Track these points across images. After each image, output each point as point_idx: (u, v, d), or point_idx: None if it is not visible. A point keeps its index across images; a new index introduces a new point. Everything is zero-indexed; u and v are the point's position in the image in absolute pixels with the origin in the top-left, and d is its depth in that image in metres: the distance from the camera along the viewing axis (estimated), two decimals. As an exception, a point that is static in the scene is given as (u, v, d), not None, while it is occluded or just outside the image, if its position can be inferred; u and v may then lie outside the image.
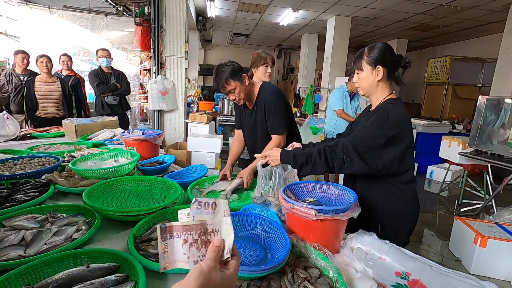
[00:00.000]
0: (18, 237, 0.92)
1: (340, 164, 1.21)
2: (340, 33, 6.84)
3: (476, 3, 5.31)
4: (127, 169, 1.53)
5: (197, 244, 0.55)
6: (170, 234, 0.55)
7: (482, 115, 3.47)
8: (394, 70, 1.30)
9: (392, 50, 1.29)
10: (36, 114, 3.51)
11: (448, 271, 0.92)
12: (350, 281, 0.85)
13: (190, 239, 0.55)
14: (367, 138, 1.22)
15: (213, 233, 0.56)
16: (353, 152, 1.20)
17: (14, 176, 1.37)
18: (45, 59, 3.41)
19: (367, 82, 1.32)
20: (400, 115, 1.23)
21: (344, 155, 1.21)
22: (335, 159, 1.21)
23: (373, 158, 1.21)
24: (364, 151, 1.21)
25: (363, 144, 1.21)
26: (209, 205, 0.59)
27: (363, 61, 1.31)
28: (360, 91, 1.39)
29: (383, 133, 1.20)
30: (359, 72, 1.33)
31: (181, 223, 0.56)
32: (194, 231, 0.55)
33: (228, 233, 0.55)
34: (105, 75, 3.94)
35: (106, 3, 4.98)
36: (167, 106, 4.37)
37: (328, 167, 1.23)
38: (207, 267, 0.48)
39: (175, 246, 0.55)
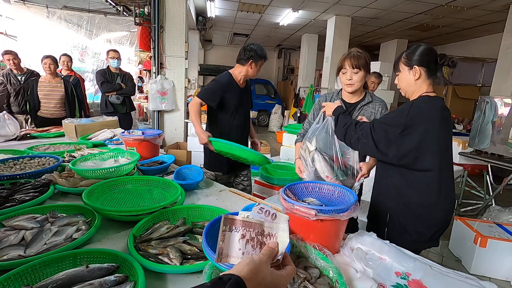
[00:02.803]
0: (18, 237, 0.92)
1: (354, 141, 1.32)
2: (340, 33, 6.84)
3: (476, 3, 5.31)
4: (127, 169, 1.53)
5: (253, 242, 0.57)
6: (230, 226, 0.58)
7: (482, 115, 3.47)
8: (436, 70, 1.33)
9: (432, 51, 1.32)
10: (38, 114, 3.51)
11: (448, 271, 0.92)
12: (350, 281, 0.85)
13: (248, 235, 0.57)
14: (385, 125, 1.27)
15: (269, 236, 0.58)
16: (369, 134, 1.28)
17: (14, 176, 1.37)
18: (49, 60, 3.41)
19: (405, 82, 1.36)
20: (425, 109, 1.25)
21: (360, 134, 1.30)
22: (352, 135, 1.33)
23: (387, 146, 1.25)
24: (380, 137, 1.26)
25: (380, 130, 1.27)
26: (269, 213, 0.62)
27: (401, 63, 1.37)
28: (401, 92, 1.44)
29: (399, 122, 1.23)
30: (398, 73, 1.39)
31: (241, 217, 0.59)
32: (252, 228, 0.58)
33: (284, 239, 0.57)
34: (112, 74, 3.98)
35: (106, 3, 4.98)
36: (166, 106, 4.37)
37: (344, 139, 1.37)
38: (258, 259, 0.50)
39: (231, 239, 0.57)
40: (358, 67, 1.57)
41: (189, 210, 1.18)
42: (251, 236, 0.58)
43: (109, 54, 3.96)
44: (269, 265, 0.51)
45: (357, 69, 1.57)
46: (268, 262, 0.51)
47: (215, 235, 0.86)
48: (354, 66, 1.57)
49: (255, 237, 0.58)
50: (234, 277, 0.44)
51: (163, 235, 0.99)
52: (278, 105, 9.88)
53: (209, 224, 0.83)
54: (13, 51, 3.67)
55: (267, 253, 0.53)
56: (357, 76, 1.59)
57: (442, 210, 1.31)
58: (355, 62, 1.57)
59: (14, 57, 3.63)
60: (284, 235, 0.58)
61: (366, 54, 1.60)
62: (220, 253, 0.55)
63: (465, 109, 6.93)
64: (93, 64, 5.99)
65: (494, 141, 3.33)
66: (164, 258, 0.87)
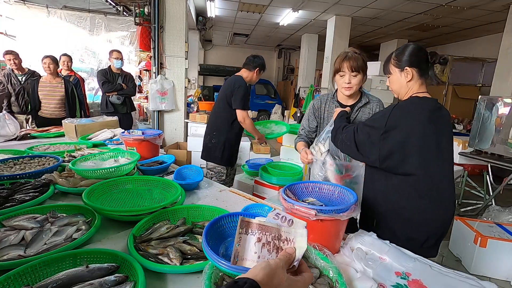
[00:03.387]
0: (18, 237, 0.92)
1: (340, 144, 1.33)
2: (340, 33, 6.84)
3: (476, 3, 5.31)
4: (127, 169, 1.53)
5: (269, 247, 0.56)
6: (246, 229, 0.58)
7: (482, 115, 3.47)
8: (427, 69, 1.29)
9: (421, 50, 1.28)
10: (38, 114, 3.51)
11: (448, 271, 0.92)
12: (350, 281, 0.84)
13: (264, 239, 0.57)
14: (368, 127, 1.25)
15: (287, 241, 0.57)
16: (351, 137, 1.27)
17: (14, 176, 1.37)
18: (49, 60, 3.41)
19: (397, 84, 1.33)
20: (409, 110, 1.21)
21: (344, 137, 1.29)
22: (338, 137, 1.33)
23: (368, 149, 1.23)
24: (361, 140, 1.25)
25: (362, 133, 1.25)
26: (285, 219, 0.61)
27: (391, 65, 1.33)
28: (394, 94, 1.41)
29: (381, 124, 1.21)
30: (389, 76, 1.36)
31: (258, 221, 0.58)
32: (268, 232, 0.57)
33: (301, 245, 0.56)
34: (113, 75, 3.99)
35: (106, 3, 4.98)
36: (166, 106, 4.37)
37: (334, 141, 1.37)
38: (274, 263, 0.49)
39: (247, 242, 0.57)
40: (357, 70, 1.51)
41: (189, 210, 1.18)
42: (267, 240, 0.57)
43: (113, 55, 3.96)
44: (286, 270, 0.50)
45: (356, 72, 1.51)
46: (284, 267, 0.50)
47: (215, 235, 0.86)
48: (354, 69, 1.51)
49: (272, 241, 0.57)
50: (249, 281, 0.43)
51: (163, 235, 0.99)
52: (278, 105, 9.89)
53: (209, 224, 0.83)
54: (14, 51, 3.68)
55: (284, 258, 0.52)
56: (356, 79, 1.53)
57: (434, 217, 1.23)
58: (354, 64, 1.50)
59: (15, 57, 3.63)
60: (302, 241, 0.57)
61: (363, 54, 1.55)
62: (235, 255, 0.55)
63: (465, 109, 6.93)
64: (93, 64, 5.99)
65: (494, 141, 3.33)
66: (164, 258, 0.87)
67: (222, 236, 0.88)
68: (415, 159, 1.19)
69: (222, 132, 2.45)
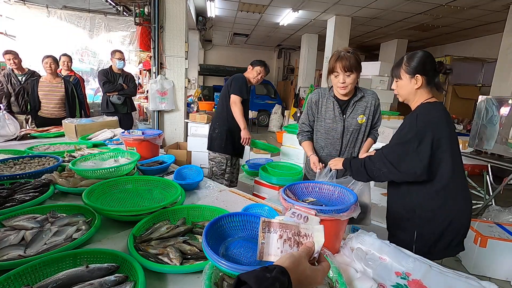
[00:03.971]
0: (18, 237, 0.92)
1: (377, 174, 1.27)
2: (340, 33, 6.84)
3: (476, 3, 5.31)
4: (127, 169, 1.53)
5: (290, 242, 0.63)
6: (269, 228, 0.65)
7: (482, 115, 3.47)
8: (434, 77, 1.32)
9: (432, 59, 1.31)
10: (38, 114, 3.51)
11: (448, 271, 0.92)
12: (350, 281, 0.84)
13: (285, 236, 0.64)
14: (399, 145, 1.24)
15: (306, 236, 0.64)
16: (385, 161, 1.24)
17: (14, 176, 1.37)
18: (50, 60, 3.41)
19: (406, 90, 1.34)
20: (431, 117, 1.24)
21: (377, 167, 1.26)
22: (373, 169, 1.28)
23: (411, 165, 1.21)
24: (398, 160, 1.22)
25: (394, 152, 1.24)
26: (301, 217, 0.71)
27: (402, 70, 1.33)
28: (399, 98, 1.41)
29: (411, 137, 1.21)
30: (397, 80, 1.36)
31: (278, 220, 0.66)
32: (289, 229, 0.64)
33: (319, 239, 0.63)
34: (114, 75, 3.99)
35: (106, 3, 4.98)
36: (166, 106, 4.37)
37: (369, 177, 1.31)
38: (298, 254, 0.56)
39: (271, 240, 0.63)
40: (350, 70, 1.54)
41: (189, 210, 1.18)
42: (288, 236, 0.64)
43: (115, 55, 3.97)
44: (307, 261, 0.56)
45: (349, 71, 1.55)
46: (306, 258, 0.56)
47: (215, 235, 0.86)
48: (347, 69, 1.54)
49: (292, 237, 0.63)
50: (278, 267, 0.49)
51: (163, 235, 0.99)
52: (278, 105, 9.89)
53: (209, 224, 0.84)
54: (13, 51, 3.68)
55: (305, 250, 0.58)
56: (350, 78, 1.57)
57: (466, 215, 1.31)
58: (346, 64, 1.53)
59: (14, 56, 3.63)
60: (319, 235, 0.64)
61: (356, 53, 1.57)
62: (261, 251, 0.61)
63: (465, 109, 6.93)
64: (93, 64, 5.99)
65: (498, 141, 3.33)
66: (164, 258, 0.87)
67: (222, 236, 0.88)
68: (448, 161, 1.24)
69: (224, 122, 2.61)
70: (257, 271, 0.48)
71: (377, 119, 1.80)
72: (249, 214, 1.03)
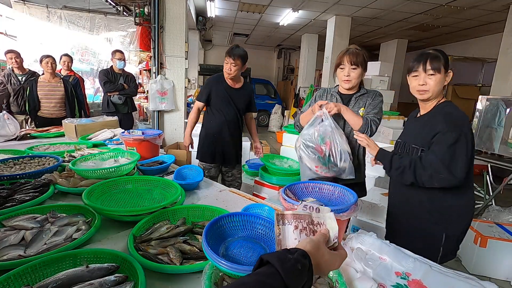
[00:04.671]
0: (18, 237, 0.92)
1: (428, 179, 1.23)
2: (340, 33, 6.84)
3: (476, 3, 5.31)
4: (127, 169, 1.53)
5: (306, 231, 0.65)
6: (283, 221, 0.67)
7: (482, 115, 3.46)
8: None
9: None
10: (38, 114, 3.51)
11: (448, 271, 0.92)
12: (350, 281, 0.84)
13: (300, 226, 0.66)
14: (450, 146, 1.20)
15: (319, 224, 0.67)
16: (442, 167, 1.19)
17: (14, 176, 1.37)
18: (50, 60, 3.42)
19: (440, 85, 1.27)
20: (465, 117, 1.26)
21: (433, 171, 1.21)
22: (423, 174, 1.23)
23: (459, 167, 1.20)
24: (451, 163, 1.19)
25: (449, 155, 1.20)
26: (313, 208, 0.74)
27: (441, 64, 1.24)
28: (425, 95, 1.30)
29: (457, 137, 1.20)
30: (435, 73, 1.25)
31: (291, 212, 0.68)
32: (303, 220, 0.67)
33: (332, 226, 0.66)
34: (115, 75, 4.01)
35: (106, 3, 4.98)
36: (166, 106, 4.37)
37: (415, 179, 1.25)
38: (316, 239, 0.58)
39: (286, 231, 0.65)
40: (356, 64, 1.60)
41: (189, 210, 1.18)
42: (303, 226, 0.66)
43: (116, 55, 3.98)
44: (325, 246, 0.58)
45: (355, 65, 1.60)
46: (324, 243, 0.58)
47: (215, 235, 0.86)
48: (353, 63, 1.60)
49: (307, 227, 0.66)
50: (299, 250, 0.50)
51: (163, 235, 0.99)
52: (278, 105, 9.88)
53: (209, 224, 0.83)
54: (15, 50, 3.69)
55: (322, 236, 0.60)
56: (355, 72, 1.61)
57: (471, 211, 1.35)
58: (353, 59, 1.60)
59: (16, 56, 3.64)
60: (332, 222, 0.67)
61: (364, 51, 1.64)
62: (279, 244, 0.63)
63: (465, 109, 6.90)
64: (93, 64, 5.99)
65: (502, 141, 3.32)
66: (164, 258, 0.87)
67: (222, 236, 0.88)
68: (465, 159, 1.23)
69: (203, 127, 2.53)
70: (279, 252, 0.49)
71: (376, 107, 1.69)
72: (249, 214, 1.03)
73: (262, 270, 0.45)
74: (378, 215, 2.24)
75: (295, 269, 0.45)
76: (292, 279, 0.43)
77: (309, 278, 0.47)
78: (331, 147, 1.49)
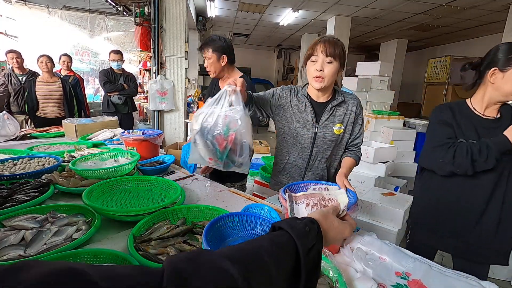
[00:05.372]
0: (18, 237, 0.92)
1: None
2: (340, 33, 6.84)
3: (476, 3, 5.31)
4: (127, 169, 1.53)
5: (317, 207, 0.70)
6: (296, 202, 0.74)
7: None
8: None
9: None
10: (37, 114, 3.51)
11: (448, 271, 0.92)
12: (350, 281, 0.84)
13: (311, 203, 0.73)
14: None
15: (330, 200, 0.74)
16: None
17: (14, 176, 1.37)
18: (45, 59, 3.42)
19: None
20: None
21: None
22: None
23: None
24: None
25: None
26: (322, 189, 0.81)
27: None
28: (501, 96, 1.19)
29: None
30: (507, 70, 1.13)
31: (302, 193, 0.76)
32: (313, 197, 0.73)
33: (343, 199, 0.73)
34: (115, 75, 4.02)
35: (106, 3, 4.98)
36: (166, 106, 4.37)
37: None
38: (325, 209, 0.64)
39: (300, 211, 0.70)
40: (333, 56, 1.23)
41: (189, 210, 1.18)
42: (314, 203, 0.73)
43: (111, 56, 3.99)
44: (335, 215, 0.64)
45: (331, 57, 1.23)
46: (333, 213, 0.64)
47: (215, 235, 0.86)
48: (328, 54, 1.22)
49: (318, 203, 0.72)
50: (308, 217, 0.56)
51: (163, 235, 0.99)
52: (278, 105, 9.86)
53: (209, 224, 0.84)
54: (17, 50, 3.70)
55: (332, 207, 0.66)
56: (330, 67, 1.25)
57: None
58: (330, 49, 1.22)
59: (17, 55, 3.65)
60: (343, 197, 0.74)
61: (342, 43, 1.29)
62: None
63: (465, 109, 6.91)
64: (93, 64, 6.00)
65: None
66: (164, 258, 0.87)
67: (222, 236, 0.88)
68: None
69: None
70: (289, 219, 0.55)
71: (359, 132, 1.43)
72: (249, 214, 1.03)
73: (274, 233, 0.50)
74: (378, 215, 2.24)
75: (304, 231, 0.50)
76: (301, 239, 0.48)
77: (318, 241, 0.52)
78: (235, 141, 1.10)
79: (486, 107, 1.25)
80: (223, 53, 1.83)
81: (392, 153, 3.54)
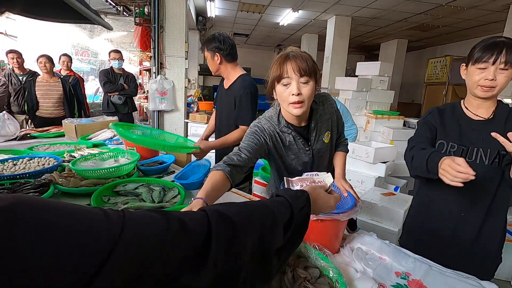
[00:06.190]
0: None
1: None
2: (340, 33, 6.84)
3: (476, 3, 5.31)
4: (127, 169, 1.53)
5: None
6: (292, 184, 0.93)
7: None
8: None
9: None
10: (37, 114, 3.51)
11: (448, 271, 0.92)
12: (350, 281, 0.85)
13: (304, 184, 0.91)
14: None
15: (320, 182, 0.90)
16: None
17: (14, 176, 1.37)
18: (44, 59, 3.41)
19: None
20: None
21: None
22: None
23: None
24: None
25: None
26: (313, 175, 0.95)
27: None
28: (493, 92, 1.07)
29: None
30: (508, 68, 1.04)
31: (297, 178, 0.95)
32: (306, 181, 0.92)
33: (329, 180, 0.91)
34: (115, 75, 4.02)
35: (106, 3, 4.98)
36: (166, 106, 4.38)
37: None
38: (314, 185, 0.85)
39: None
40: (308, 74, 1.03)
41: (189, 210, 1.18)
42: (306, 184, 0.90)
43: (111, 55, 3.99)
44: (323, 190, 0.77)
45: (306, 76, 1.02)
46: (321, 188, 0.77)
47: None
48: (303, 72, 1.01)
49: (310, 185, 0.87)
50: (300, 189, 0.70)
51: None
52: (278, 105, 9.86)
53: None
54: (17, 50, 3.70)
55: (319, 185, 0.83)
56: (308, 88, 1.04)
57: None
58: (302, 65, 1.01)
59: (18, 56, 3.64)
60: (329, 178, 0.91)
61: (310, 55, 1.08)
62: None
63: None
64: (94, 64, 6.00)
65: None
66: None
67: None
68: None
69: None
70: (283, 189, 0.70)
71: (341, 125, 1.35)
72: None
73: (273, 198, 0.65)
74: (378, 215, 2.24)
75: (296, 195, 0.65)
76: (294, 200, 0.62)
77: (307, 204, 0.64)
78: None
79: (477, 106, 1.17)
80: (217, 52, 1.81)
81: (392, 153, 3.53)
